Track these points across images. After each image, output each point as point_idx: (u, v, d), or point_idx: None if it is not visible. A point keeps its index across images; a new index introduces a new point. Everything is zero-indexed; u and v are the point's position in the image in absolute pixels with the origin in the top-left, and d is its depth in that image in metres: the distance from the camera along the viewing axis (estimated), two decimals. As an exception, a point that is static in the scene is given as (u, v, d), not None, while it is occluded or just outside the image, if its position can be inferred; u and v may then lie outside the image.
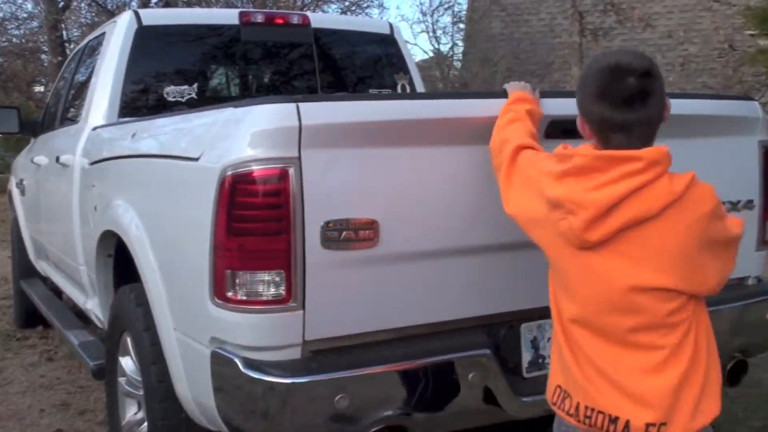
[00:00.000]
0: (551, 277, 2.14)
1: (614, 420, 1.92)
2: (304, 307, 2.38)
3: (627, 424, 1.91)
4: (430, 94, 4.36)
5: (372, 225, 2.42)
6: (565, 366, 2.04)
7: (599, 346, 1.96)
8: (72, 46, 15.49)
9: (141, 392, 3.17)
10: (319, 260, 2.37)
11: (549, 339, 2.81)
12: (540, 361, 2.78)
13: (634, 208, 1.86)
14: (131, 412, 3.39)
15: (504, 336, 2.74)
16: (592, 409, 1.96)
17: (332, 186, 2.39)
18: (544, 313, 2.77)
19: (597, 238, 1.89)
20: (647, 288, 1.89)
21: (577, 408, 1.99)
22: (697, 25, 14.82)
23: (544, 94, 2.65)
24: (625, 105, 1.89)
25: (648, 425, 1.89)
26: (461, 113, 2.59)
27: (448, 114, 2.57)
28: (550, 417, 2.85)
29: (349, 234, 2.39)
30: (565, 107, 2.64)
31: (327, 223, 2.37)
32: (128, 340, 3.27)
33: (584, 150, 1.96)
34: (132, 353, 3.26)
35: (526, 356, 2.77)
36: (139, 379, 3.17)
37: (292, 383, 2.33)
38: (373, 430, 2.45)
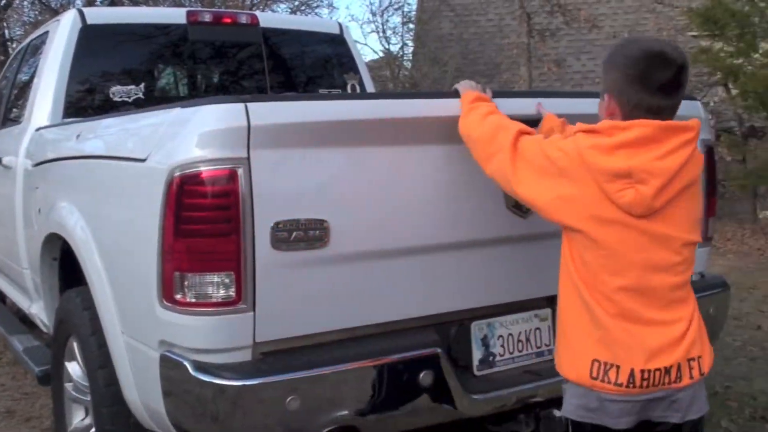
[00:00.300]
0: (581, 255, 2.07)
1: (668, 370, 2.03)
2: (254, 309, 2.37)
3: (679, 367, 2.05)
4: (380, 94, 4.37)
5: (322, 225, 2.42)
6: (608, 337, 2.03)
7: (651, 306, 2.04)
8: (14, 45, 15.15)
9: (88, 398, 3.12)
10: (269, 261, 2.36)
11: (499, 336, 2.83)
12: (490, 359, 2.81)
13: (686, 175, 2.03)
14: (78, 418, 3.34)
15: (455, 334, 2.75)
16: (649, 371, 2.02)
17: (282, 186, 2.37)
18: (494, 311, 2.82)
19: (660, 205, 2.00)
20: (690, 243, 2.10)
21: (630, 375, 2.02)
22: (641, 27, 15.08)
23: (495, 94, 2.67)
24: (663, 92, 2.02)
25: (689, 360, 2.06)
26: (411, 113, 2.60)
27: (398, 114, 2.58)
28: (501, 414, 2.88)
29: (299, 235, 2.39)
30: (515, 107, 2.67)
31: (277, 223, 2.35)
32: (75, 344, 3.22)
33: (639, 122, 1.99)
34: (78, 358, 3.20)
35: (477, 354, 2.79)
36: (86, 384, 3.12)
37: (243, 386, 2.31)
38: (325, 430, 2.45)
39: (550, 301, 2.94)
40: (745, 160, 11.49)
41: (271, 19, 5.03)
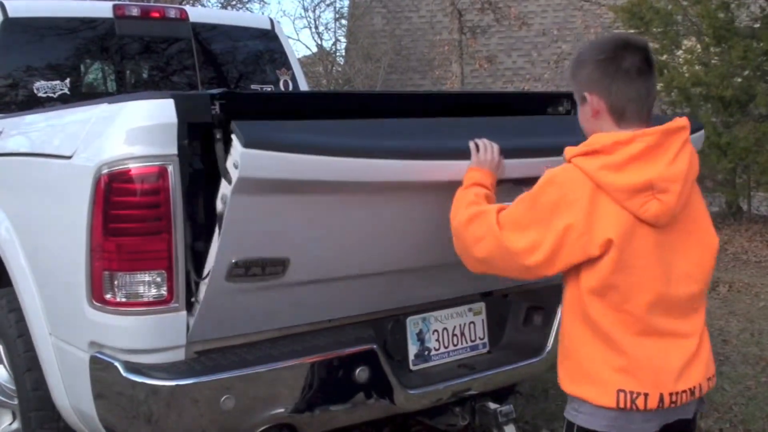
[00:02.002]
0: (606, 282, 1.93)
1: (693, 391, 2.00)
2: (187, 308, 2.33)
3: (700, 386, 2.02)
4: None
5: (283, 262, 2.38)
6: (632, 365, 1.94)
7: (672, 317, 1.98)
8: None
9: (15, 402, 3.04)
10: (219, 290, 2.30)
11: (434, 331, 2.85)
12: (426, 353, 2.83)
13: (693, 172, 1.99)
14: (5, 422, 3.25)
15: (390, 330, 2.76)
16: (677, 393, 1.97)
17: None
18: (429, 306, 2.84)
19: (681, 206, 1.95)
20: (713, 246, 2.07)
21: (660, 400, 1.94)
22: (569, 24, 15.36)
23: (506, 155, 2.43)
24: (640, 74, 1.99)
25: (708, 380, 2.05)
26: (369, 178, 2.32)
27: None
28: (437, 408, 2.90)
29: (256, 270, 2.33)
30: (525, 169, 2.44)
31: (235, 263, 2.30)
32: (0, 347, 3.13)
33: (640, 132, 1.93)
34: (4, 361, 3.12)
35: (413, 349, 2.80)
36: (13, 387, 3.04)
37: (176, 386, 2.28)
38: (261, 429, 2.43)
39: (484, 296, 2.98)
40: (670, 154, 11.81)
41: (202, 14, 4.96)
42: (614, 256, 1.91)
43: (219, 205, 2.16)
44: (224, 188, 2.13)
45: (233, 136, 2.05)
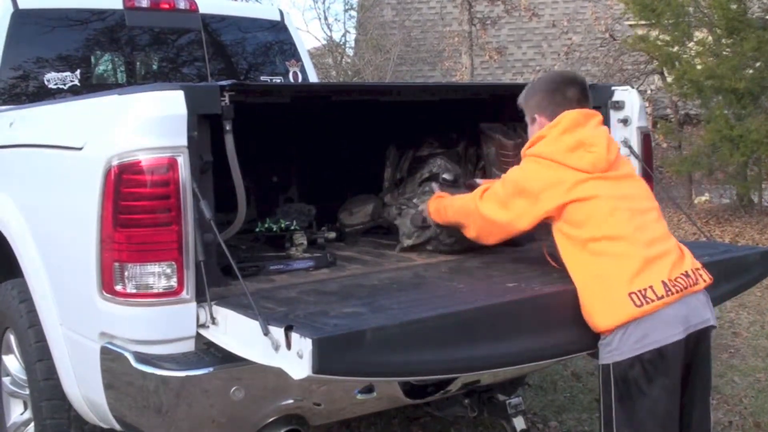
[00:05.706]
0: (596, 221, 2.41)
1: (687, 274, 2.43)
2: (197, 299, 2.34)
3: (692, 272, 2.45)
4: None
5: None
6: (637, 270, 2.34)
7: (657, 239, 2.45)
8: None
9: (27, 391, 3.06)
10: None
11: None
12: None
13: (613, 144, 2.59)
14: (17, 412, 3.27)
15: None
16: (675, 278, 2.38)
17: (224, 175, 2.34)
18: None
19: (613, 158, 2.52)
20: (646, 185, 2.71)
21: (664, 285, 2.35)
22: (580, 15, 15.28)
23: None
24: (578, 102, 2.60)
25: (696, 269, 2.48)
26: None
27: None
28: (446, 399, 2.90)
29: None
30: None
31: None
32: (11, 337, 3.14)
33: (565, 113, 2.54)
34: (16, 351, 3.14)
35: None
36: (25, 377, 3.05)
37: (186, 376, 2.28)
38: (271, 419, 2.43)
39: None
40: (681, 146, 11.77)
41: (211, 4, 4.93)
42: (582, 198, 2.42)
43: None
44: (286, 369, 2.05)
45: (306, 348, 1.94)
